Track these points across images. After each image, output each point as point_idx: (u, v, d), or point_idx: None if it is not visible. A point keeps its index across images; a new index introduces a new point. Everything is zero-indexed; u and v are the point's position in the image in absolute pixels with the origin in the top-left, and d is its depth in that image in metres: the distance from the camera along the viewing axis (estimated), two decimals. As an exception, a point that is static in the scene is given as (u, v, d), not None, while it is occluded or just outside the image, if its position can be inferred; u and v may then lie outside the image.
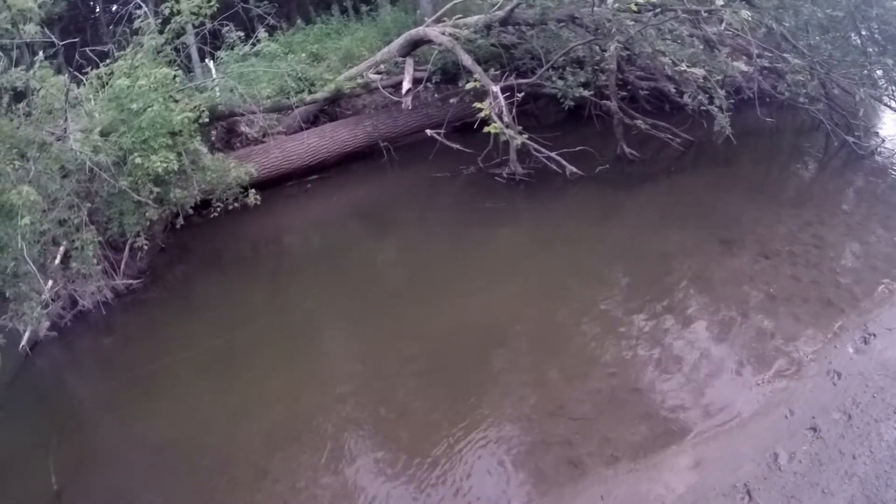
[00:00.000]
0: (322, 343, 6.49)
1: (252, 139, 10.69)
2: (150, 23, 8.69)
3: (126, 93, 7.97)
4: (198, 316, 7.26)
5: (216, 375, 5.99)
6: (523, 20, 10.24)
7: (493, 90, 8.87)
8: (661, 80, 9.51)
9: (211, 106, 9.18)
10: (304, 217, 10.01)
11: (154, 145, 7.78)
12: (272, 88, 10.42)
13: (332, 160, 10.72)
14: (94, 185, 7.71)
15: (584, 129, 10.11)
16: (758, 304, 5.57)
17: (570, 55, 9.97)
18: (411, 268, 7.74)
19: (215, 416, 5.41)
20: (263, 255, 9.21)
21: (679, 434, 4.30)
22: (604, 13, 8.96)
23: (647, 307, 5.78)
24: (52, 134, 7.25)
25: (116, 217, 7.74)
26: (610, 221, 7.85)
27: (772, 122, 9.23)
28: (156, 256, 8.49)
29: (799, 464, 3.90)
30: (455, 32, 10.30)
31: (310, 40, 13.38)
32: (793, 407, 4.38)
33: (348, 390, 5.44)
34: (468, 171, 9.47)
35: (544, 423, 4.58)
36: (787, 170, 9.27)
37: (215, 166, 8.71)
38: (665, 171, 8.98)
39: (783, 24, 9.06)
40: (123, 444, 5.35)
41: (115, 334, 7.25)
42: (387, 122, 11.09)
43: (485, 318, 6.07)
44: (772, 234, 6.75)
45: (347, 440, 4.83)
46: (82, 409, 6.23)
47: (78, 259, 7.09)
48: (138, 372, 6.33)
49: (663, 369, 4.94)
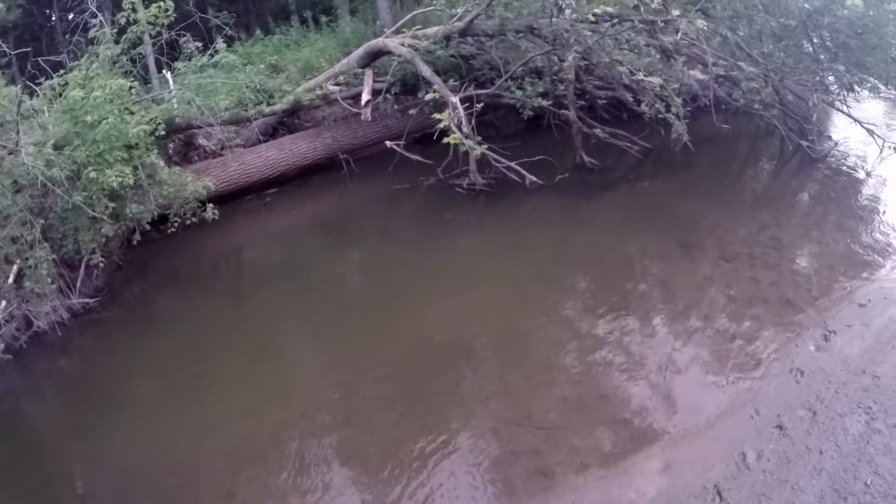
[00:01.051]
0: (285, 358, 6.34)
1: (210, 152, 10.46)
2: (105, 32, 8.42)
3: (80, 104, 7.70)
4: (157, 334, 7.03)
5: (178, 395, 5.79)
6: (482, 31, 10.27)
7: (452, 101, 8.85)
8: (619, 89, 9.62)
9: (168, 118, 8.95)
10: (263, 231, 9.82)
11: (109, 159, 7.51)
12: (230, 100, 10.23)
13: (292, 173, 10.55)
14: (47, 200, 7.45)
15: (544, 138, 10.14)
16: (719, 307, 5.65)
17: (528, 65, 10.04)
18: (373, 280, 7.66)
19: (178, 435, 5.23)
20: (223, 271, 9.02)
21: (647, 438, 4.30)
22: (562, 24, 9.04)
23: (610, 313, 5.80)
24: (3, 147, 7.02)
25: (71, 234, 7.47)
26: (571, 229, 7.88)
27: (728, 129, 9.42)
28: (113, 274, 8.21)
29: (767, 462, 3.93)
30: (414, 43, 10.28)
31: (269, 51, 13.21)
32: (758, 406, 4.42)
33: (312, 406, 5.32)
34: (428, 182, 9.42)
35: (512, 433, 4.53)
36: (744, 174, 9.46)
37: (172, 180, 8.48)
38: (624, 179, 9.09)
39: (738, 32, 9.28)
40: (85, 467, 5.15)
41: (72, 355, 6.97)
42: (346, 133, 10.98)
43: (449, 329, 6.01)
44: (731, 238, 6.86)
45: (313, 457, 4.72)
46: (41, 434, 5.97)
47: (32, 278, 6.82)
48: (98, 394, 6.12)
49: (629, 374, 4.95)
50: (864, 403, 4.28)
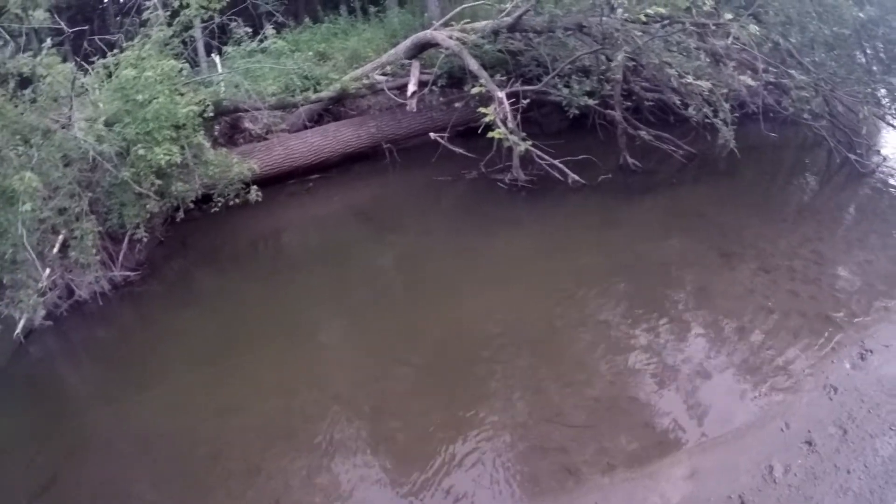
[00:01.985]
0: (318, 342, 6.48)
1: (255, 136, 10.67)
2: (158, 14, 8.66)
3: (132, 84, 7.94)
4: (194, 310, 7.22)
5: (211, 370, 5.95)
6: (531, 27, 10.27)
7: (498, 96, 8.89)
8: (666, 91, 9.52)
9: (216, 101, 9.16)
10: (304, 216, 9.99)
11: (158, 137, 7.73)
12: (277, 86, 10.39)
13: (335, 160, 10.71)
14: (95, 174, 7.68)
15: (587, 138, 10.10)
16: (756, 318, 5.59)
17: (576, 64, 10.00)
18: (410, 270, 7.74)
19: (209, 409, 5.39)
20: (262, 253, 9.20)
21: (675, 444, 4.31)
22: (612, 23, 8.99)
23: (645, 317, 5.80)
24: (56, 122, 7.22)
25: (117, 208, 7.71)
26: (611, 231, 7.85)
27: (775, 138, 9.26)
28: (154, 249, 8.45)
29: (794, 477, 3.92)
30: (462, 37, 10.32)
31: (317, 39, 13.38)
32: (789, 420, 4.39)
33: (344, 390, 5.42)
34: (470, 175, 9.48)
35: (541, 429, 4.58)
36: (789, 185, 9.30)
37: (218, 161, 8.70)
38: (667, 183, 9.01)
39: (790, 39, 9.12)
40: (116, 434, 5.31)
41: (110, 325, 7.20)
42: (391, 123, 11.09)
43: (483, 323, 6.07)
44: (772, 249, 6.77)
45: (342, 440, 4.81)
46: (76, 399, 6.20)
47: (77, 249, 7.04)
48: (133, 364, 6.32)
49: (661, 379, 4.95)
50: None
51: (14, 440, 5.30)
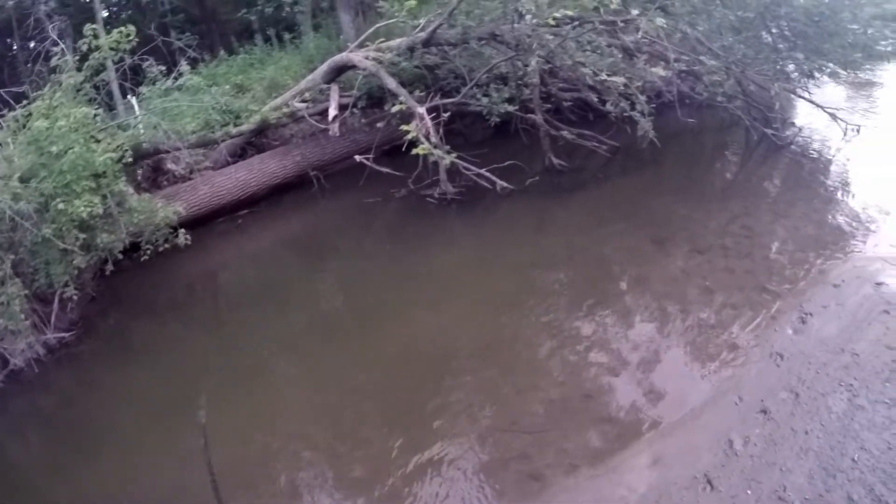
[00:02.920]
0: (268, 381, 6.21)
1: (179, 176, 10.33)
2: (67, 60, 8.29)
3: (45, 135, 7.54)
4: (136, 365, 6.87)
5: (161, 425, 5.65)
6: (445, 40, 10.32)
7: (419, 111, 8.87)
8: (584, 90, 9.69)
9: (135, 144, 8.83)
10: (238, 253, 9.70)
11: (77, 189, 7.36)
12: (197, 123, 10.11)
13: (263, 193, 10.47)
14: (16, 234, 7.24)
15: (512, 143, 10.18)
16: (696, 298, 5.69)
17: (493, 72, 10.07)
18: (352, 297, 7.57)
19: (164, 466, 5.10)
20: (200, 296, 8.87)
21: (634, 434, 4.31)
22: (523, 29, 9.11)
23: (589, 312, 5.83)
24: (-31, 182, 6.86)
25: (42, 267, 7.29)
26: (545, 231, 7.92)
27: (693, 123, 9.55)
28: (87, 306, 8.03)
29: (754, 447, 3.96)
30: (378, 56, 10.29)
31: (233, 71, 13.11)
32: (741, 393, 4.45)
33: (299, 427, 5.25)
34: (400, 194, 9.39)
35: (500, 439, 4.51)
36: (712, 166, 9.59)
37: (142, 207, 8.35)
38: (594, 178, 9.16)
39: (697, 28, 9.43)
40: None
41: (51, 392, 6.76)
42: (315, 150, 10.94)
43: (431, 341, 5.99)
44: (703, 230, 6.95)
45: (303, 480, 4.66)
46: (24, 475, 5.77)
47: (4, 315, 6.62)
48: (80, 430, 5.94)
49: (612, 372, 4.96)
50: (845, 381, 4.33)
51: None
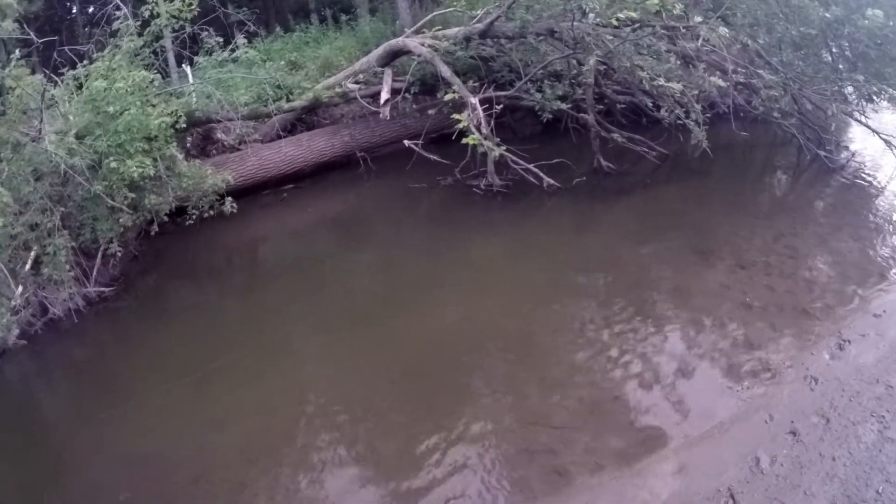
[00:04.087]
0: (297, 355, 6.36)
1: (228, 146, 10.57)
2: (128, 25, 8.53)
3: (102, 95, 7.80)
4: (171, 326, 7.09)
5: (190, 386, 5.82)
6: (502, 33, 10.33)
7: (471, 102, 8.91)
8: (638, 94, 9.64)
9: (188, 111, 9.06)
10: (279, 227, 9.89)
11: (130, 150, 7.60)
12: (250, 95, 10.30)
13: (309, 169, 10.65)
14: (67, 189, 7.52)
15: (561, 141, 10.17)
16: (735, 314, 5.65)
17: (547, 68, 10.07)
18: (387, 279, 7.67)
19: (189, 427, 5.27)
20: (238, 265, 9.07)
21: (661, 441, 4.33)
22: (583, 28, 9.07)
23: (625, 318, 5.82)
24: (26, 135, 7.09)
25: (89, 222, 7.57)
26: (587, 233, 7.92)
27: (746, 136, 9.42)
28: (129, 264, 8.29)
29: (780, 467, 3.96)
30: (434, 44, 10.35)
31: (288, 48, 13.30)
32: (772, 412, 4.44)
33: (325, 403, 5.36)
34: (445, 182, 9.46)
35: (527, 432, 4.56)
36: (761, 182, 9.45)
37: (191, 173, 8.58)
38: (641, 184, 9.10)
39: (757, 40, 9.28)
40: (96, 456, 5.17)
41: (86, 343, 7.03)
42: (364, 132, 11.07)
43: (463, 330, 6.05)
44: (747, 245, 6.88)
45: (327, 453, 4.75)
46: (53, 420, 6.05)
47: (50, 265, 6.89)
48: (110, 381, 6.18)
49: (643, 378, 4.97)
50: (877, 412, 4.29)
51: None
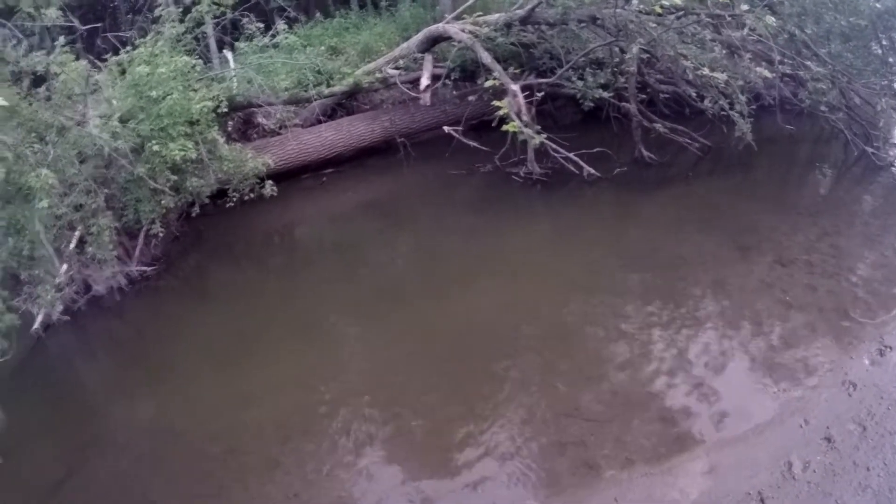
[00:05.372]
0: (333, 336, 6.50)
1: (269, 130, 10.65)
2: (170, 11, 8.68)
3: (145, 80, 7.95)
4: (210, 305, 7.30)
5: (226, 364, 6.00)
6: (543, 19, 10.20)
7: (512, 88, 8.85)
8: (681, 84, 9.46)
9: (229, 96, 9.19)
10: (318, 210, 10.01)
11: (172, 133, 7.77)
12: (290, 80, 10.36)
13: (349, 154, 10.71)
14: (110, 171, 7.70)
15: (602, 130, 10.06)
16: (774, 312, 5.59)
17: (589, 56, 9.93)
18: (424, 264, 7.75)
19: (225, 404, 5.43)
20: (277, 247, 9.21)
21: (694, 439, 4.34)
22: (626, 15, 8.92)
23: (662, 311, 5.81)
24: (71, 119, 7.26)
25: (132, 204, 7.75)
26: (626, 224, 7.85)
27: (791, 130, 9.20)
28: (170, 244, 8.47)
29: (813, 473, 3.93)
30: (475, 30, 10.27)
31: (328, 34, 13.28)
32: (808, 416, 4.41)
33: (360, 384, 5.46)
34: (485, 169, 9.46)
35: (559, 423, 4.61)
36: (806, 178, 9.22)
37: (232, 156, 8.72)
38: (682, 176, 8.95)
39: (805, 31, 9.04)
40: (132, 429, 5.38)
41: (127, 320, 7.26)
42: (404, 117, 11.07)
43: (500, 317, 6.09)
44: (789, 242, 6.76)
45: (359, 434, 4.86)
46: (92, 393, 6.29)
47: (94, 244, 7.09)
48: (149, 358, 6.40)
49: (679, 374, 4.97)
50: (916, 423, 4.23)
51: (30, 434, 5.36)
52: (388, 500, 4.28)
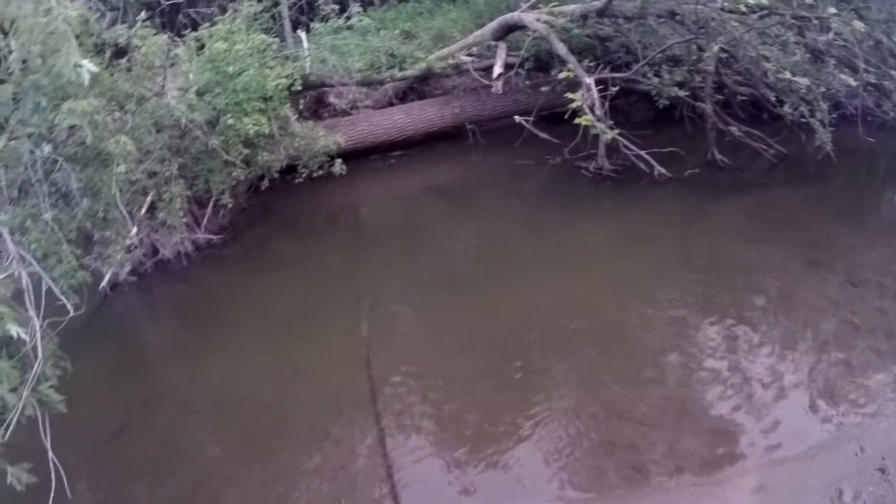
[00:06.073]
0: (391, 314, 6.63)
1: (340, 110, 10.84)
2: (250, -11, 8.91)
3: (223, 56, 8.17)
4: (272, 276, 7.49)
5: (283, 336, 6.19)
6: (621, 13, 10.04)
7: (586, 82, 8.76)
8: (760, 86, 9.19)
9: (303, 75, 9.39)
10: (384, 191, 10.16)
11: (247, 108, 8.00)
12: (364, 62, 10.53)
13: (418, 138, 10.80)
14: (184, 141, 7.94)
15: (674, 130, 9.87)
16: (840, 333, 5.44)
17: (666, 52, 9.74)
18: (486, 252, 7.79)
19: (281, 373, 5.62)
20: (341, 224, 9.40)
21: (745, 455, 4.30)
22: (708, 12, 8.71)
23: (724, 320, 5.73)
24: (150, 90, 7.52)
25: (204, 174, 8.00)
26: (694, 228, 7.72)
27: (872, 143, 8.84)
28: (237, 215, 8.75)
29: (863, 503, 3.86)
30: (550, 20, 10.18)
31: (402, 18, 13.35)
32: (864, 444, 4.31)
33: (414, 364, 5.56)
34: (554, 161, 9.39)
35: (612, 423, 4.63)
36: (884, 195, 8.81)
37: (304, 133, 8.91)
38: (756, 182, 8.71)
39: (893, 38, 8.65)
40: (188, 389, 5.64)
41: (191, 285, 7.56)
42: (475, 104, 11.09)
43: (556, 311, 6.10)
44: (862, 261, 6.53)
45: (411, 413, 4.99)
46: (153, 352, 6.65)
47: (165, 210, 7.33)
48: (210, 323, 6.67)
49: (735, 387, 4.91)
50: (973, 462, 4.10)
51: (92, 386, 5.58)
52: (432, 483, 4.38)
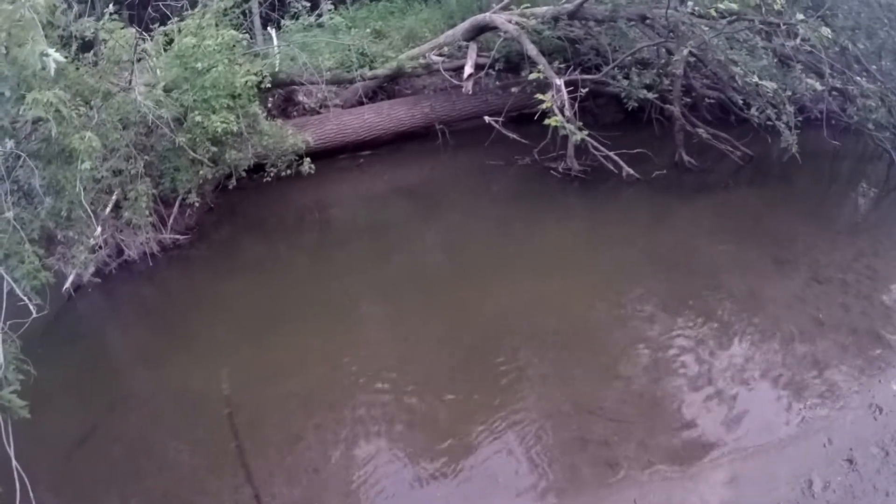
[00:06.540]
0: (362, 315, 6.57)
1: (309, 109, 10.74)
2: (220, -16, 8.75)
3: (192, 52, 8.03)
4: (240, 276, 7.36)
5: (252, 337, 6.08)
6: (592, 15, 10.11)
7: (556, 83, 8.80)
8: (728, 90, 9.34)
9: (273, 72, 9.28)
10: (353, 191, 10.07)
11: (215, 105, 7.83)
12: (334, 61, 10.46)
13: (387, 137, 10.74)
14: (151, 139, 7.78)
15: (643, 132, 10.00)
16: (806, 329, 5.55)
17: (636, 55, 9.86)
18: (455, 252, 7.76)
19: (250, 376, 5.53)
20: (310, 225, 9.28)
21: (717, 448, 4.35)
22: (678, 16, 8.83)
23: (692, 318, 5.81)
24: (116, 85, 7.35)
25: (170, 172, 7.84)
26: (662, 228, 7.81)
27: (836, 145, 9.07)
28: (204, 215, 8.58)
29: (833, 493, 3.94)
30: (522, 21, 10.22)
31: (373, 16, 13.30)
32: (832, 436, 4.39)
33: (386, 365, 5.51)
34: (523, 161, 9.43)
35: (583, 420, 4.64)
36: (847, 196, 9.07)
37: (273, 132, 8.78)
38: (722, 184, 8.87)
39: (857, 45, 8.86)
40: (156, 393, 5.49)
41: (157, 286, 7.39)
42: (445, 104, 11.07)
43: (528, 311, 6.11)
44: (825, 260, 6.68)
45: (383, 414, 4.94)
46: (118, 355, 6.44)
47: (130, 209, 7.19)
48: (176, 325, 6.51)
49: (706, 382, 4.97)
50: (940, 451, 4.20)
51: (57, 391, 5.44)
52: (404, 483, 4.35)
